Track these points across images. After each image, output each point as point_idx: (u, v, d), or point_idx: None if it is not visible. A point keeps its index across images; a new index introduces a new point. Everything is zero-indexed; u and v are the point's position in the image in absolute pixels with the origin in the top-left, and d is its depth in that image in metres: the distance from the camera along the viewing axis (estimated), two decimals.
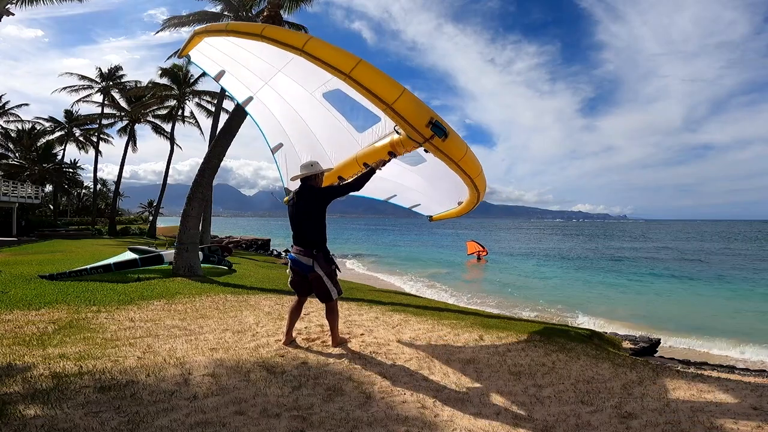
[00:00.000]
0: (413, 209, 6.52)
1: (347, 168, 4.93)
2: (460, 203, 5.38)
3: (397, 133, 4.10)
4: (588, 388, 3.24)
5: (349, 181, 4.23)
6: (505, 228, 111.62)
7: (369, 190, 6.18)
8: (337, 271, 3.96)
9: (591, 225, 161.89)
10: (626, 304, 14.00)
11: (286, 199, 5.76)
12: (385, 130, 4.54)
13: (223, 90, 19.35)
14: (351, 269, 20.68)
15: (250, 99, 5.29)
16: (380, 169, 4.17)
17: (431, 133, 3.50)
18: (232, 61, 4.81)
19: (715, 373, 4.39)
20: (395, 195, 6.24)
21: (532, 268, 23.70)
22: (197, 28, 4.42)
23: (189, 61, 5.14)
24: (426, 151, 3.96)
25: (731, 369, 6.25)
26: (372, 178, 4.14)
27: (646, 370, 3.93)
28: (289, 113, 5.27)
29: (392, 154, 4.17)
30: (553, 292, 16.10)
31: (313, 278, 3.80)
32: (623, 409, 2.84)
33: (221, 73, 5.15)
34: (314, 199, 3.83)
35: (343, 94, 4.61)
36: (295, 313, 4.09)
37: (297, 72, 4.54)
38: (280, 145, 5.67)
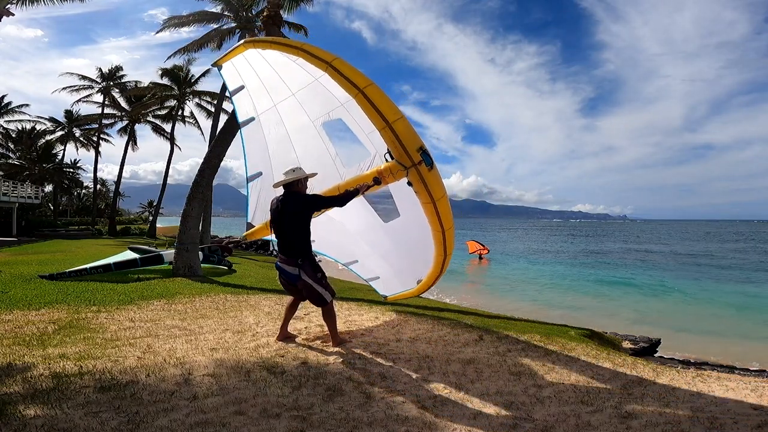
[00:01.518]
0: (370, 282, 6.46)
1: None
2: (419, 281, 5.39)
3: (386, 160, 4.22)
4: (588, 388, 3.24)
5: (334, 195, 4.24)
6: (503, 228, 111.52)
7: (333, 251, 6.26)
8: (324, 279, 3.89)
9: (590, 225, 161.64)
10: (626, 304, 14.00)
11: (245, 234, 5.84)
12: (372, 165, 4.71)
13: (223, 90, 19.36)
14: (345, 269, 20.68)
15: (251, 120, 5.50)
16: (363, 193, 4.18)
17: (420, 159, 3.82)
18: (255, 77, 5.10)
19: (715, 373, 4.39)
20: (356, 261, 6.23)
21: (532, 268, 23.70)
22: (246, 39, 4.89)
23: (219, 70, 5.54)
24: (409, 184, 4.11)
25: (731, 369, 6.26)
26: (339, 234, 4.49)
27: (646, 370, 3.93)
28: (281, 139, 5.45)
29: (377, 181, 4.24)
30: (553, 292, 16.11)
31: (302, 286, 3.81)
32: (623, 409, 2.84)
33: (240, 89, 5.41)
34: (300, 206, 3.77)
35: (342, 125, 4.92)
36: (291, 310, 4.17)
37: (307, 98, 4.87)
38: (258, 175, 5.74)
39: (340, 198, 4.01)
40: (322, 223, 5.44)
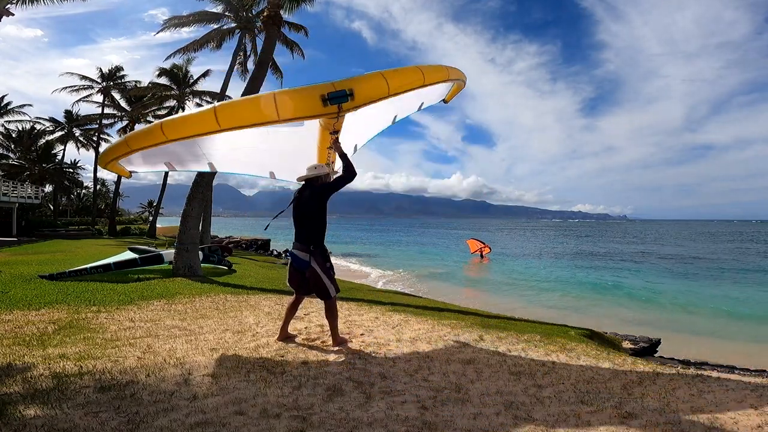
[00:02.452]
0: (423, 108, 5.56)
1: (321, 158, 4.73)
2: (449, 74, 4.51)
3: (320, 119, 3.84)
4: (588, 388, 3.24)
5: (339, 175, 4.08)
6: (503, 228, 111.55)
7: (375, 126, 5.44)
8: (332, 271, 3.99)
9: (589, 225, 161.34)
10: (626, 304, 14.00)
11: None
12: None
13: (223, 90, 19.35)
14: (347, 270, 20.68)
15: (211, 164, 5.07)
16: (342, 150, 3.95)
17: (335, 107, 3.18)
18: (158, 150, 4.39)
19: (715, 373, 4.39)
20: (396, 116, 5.46)
21: (531, 269, 23.70)
22: (101, 159, 4.19)
23: (132, 174, 5.00)
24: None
25: (731, 369, 6.25)
26: (355, 128, 4.13)
27: (646, 370, 3.93)
28: (246, 153, 5.06)
29: (336, 132, 3.93)
30: (553, 292, 16.11)
31: (310, 275, 3.87)
32: (623, 409, 2.84)
33: (170, 164, 4.90)
34: (314, 197, 3.92)
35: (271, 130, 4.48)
36: (292, 311, 4.19)
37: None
38: (272, 174, 5.50)
39: (345, 174, 3.91)
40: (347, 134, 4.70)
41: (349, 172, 3.88)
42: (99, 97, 30.39)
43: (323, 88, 3.14)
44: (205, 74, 26.77)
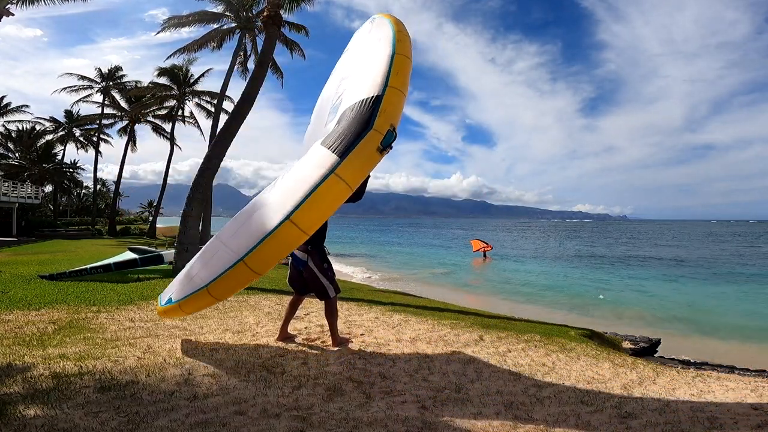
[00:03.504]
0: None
1: None
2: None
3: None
4: (588, 388, 3.24)
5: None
6: (502, 228, 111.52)
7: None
8: (330, 272, 3.98)
9: (587, 225, 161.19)
10: (626, 304, 14.00)
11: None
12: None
13: (223, 90, 19.35)
14: (345, 270, 20.68)
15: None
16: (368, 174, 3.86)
17: (389, 147, 3.29)
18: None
19: (715, 373, 4.40)
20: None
21: (532, 268, 23.70)
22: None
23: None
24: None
25: (731, 369, 6.25)
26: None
27: (646, 370, 3.94)
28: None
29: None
30: (553, 293, 16.10)
31: (307, 275, 3.90)
32: (623, 409, 2.84)
33: None
34: None
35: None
36: (292, 311, 4.22)
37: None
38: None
39: (355, 194, 3.92)
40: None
41: (359, 196, 3.88)
42: (99, 97, 30.43)
43: (374, 140, 3.19)
44: (204, 73, 26.76)
